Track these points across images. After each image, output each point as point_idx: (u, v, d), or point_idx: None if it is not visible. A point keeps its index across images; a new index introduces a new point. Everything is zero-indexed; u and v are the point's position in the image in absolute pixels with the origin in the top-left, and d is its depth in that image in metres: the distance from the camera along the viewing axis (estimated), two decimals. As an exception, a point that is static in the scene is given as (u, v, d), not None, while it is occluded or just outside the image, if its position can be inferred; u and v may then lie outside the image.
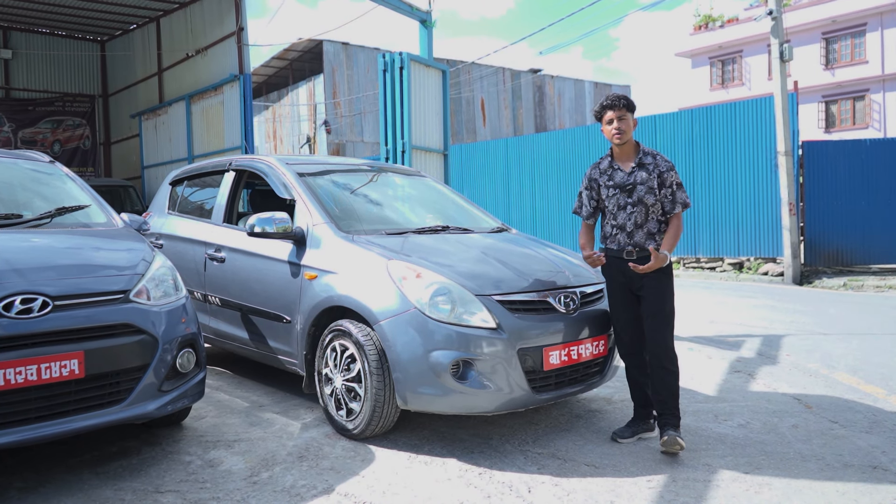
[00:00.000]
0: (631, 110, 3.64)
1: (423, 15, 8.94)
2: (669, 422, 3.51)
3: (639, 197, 3.61)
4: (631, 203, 3.62)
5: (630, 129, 3.64)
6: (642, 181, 3.60)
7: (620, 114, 3.61)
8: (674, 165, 3.67)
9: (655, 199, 3.60)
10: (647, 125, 14.27)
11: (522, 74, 30.96)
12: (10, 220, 3.66)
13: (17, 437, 2.80)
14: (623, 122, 3.61)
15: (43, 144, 16.61)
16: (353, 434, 3.64)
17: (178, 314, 3.42)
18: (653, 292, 3.59)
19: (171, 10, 14.43)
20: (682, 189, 3.66)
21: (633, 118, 3.66)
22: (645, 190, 3.60)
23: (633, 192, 3.62)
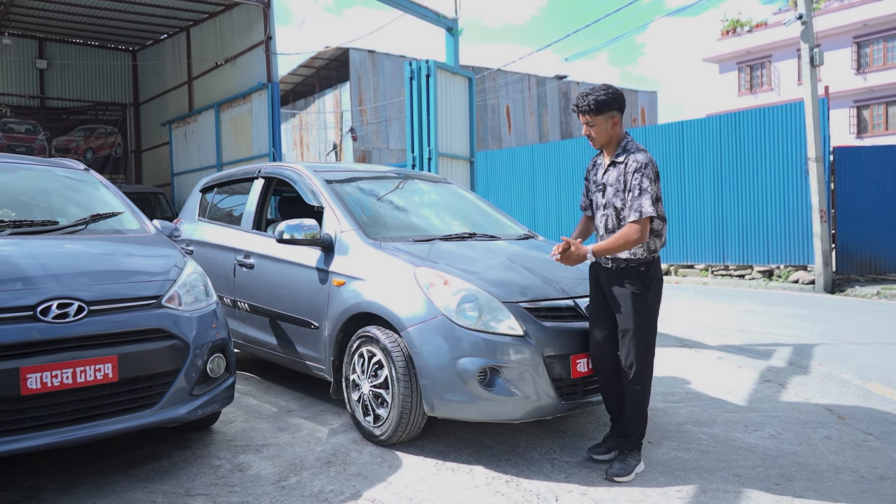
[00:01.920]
0: (601, 112, 3.30)
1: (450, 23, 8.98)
2: (625, 447, 3.35)
3: (608, 199, 3.37)
4: (603, 204, 3.40)
5: (602, 133, 3.33)
6: (611, 182, 3.35)
7: (588, 119, 3.34)
8: (646, 165, 3.23)
9: (623, 202, 3.30)
10: (673, 132, 14.16)
11: (548, 81, 30.91)
12: (46, 227, 3.73)
13: (52, 439, 2.86)
14: (591, 128, 3.35)
15: (76, 152, 16.95)
16: (381, 440, 3.65)
17: (209, 319, 3.47)
18: (621, 307, 3.30)
19: (200, 20, 14.66)
20: (645, 195, 3.21)
21: (613, 116, 3.32)
22: (613, 192, 3.33)
23: (604, 192, 3.40)
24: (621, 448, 3.37)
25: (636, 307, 3.28)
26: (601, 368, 3.46)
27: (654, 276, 3.36)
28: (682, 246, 14.01)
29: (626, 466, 3.27)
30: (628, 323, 3.28)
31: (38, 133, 16.80)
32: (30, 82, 17.01)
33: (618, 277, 3.32)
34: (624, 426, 3.40)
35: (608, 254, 3.27)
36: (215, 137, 13.70)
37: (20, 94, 16.87)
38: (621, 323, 3.31)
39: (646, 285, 3.31)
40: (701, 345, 6.63)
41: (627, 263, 3.30)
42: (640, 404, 3.36)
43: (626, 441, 3.37)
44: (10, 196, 4.17)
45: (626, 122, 33.19)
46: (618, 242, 3.22)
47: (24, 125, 16.69)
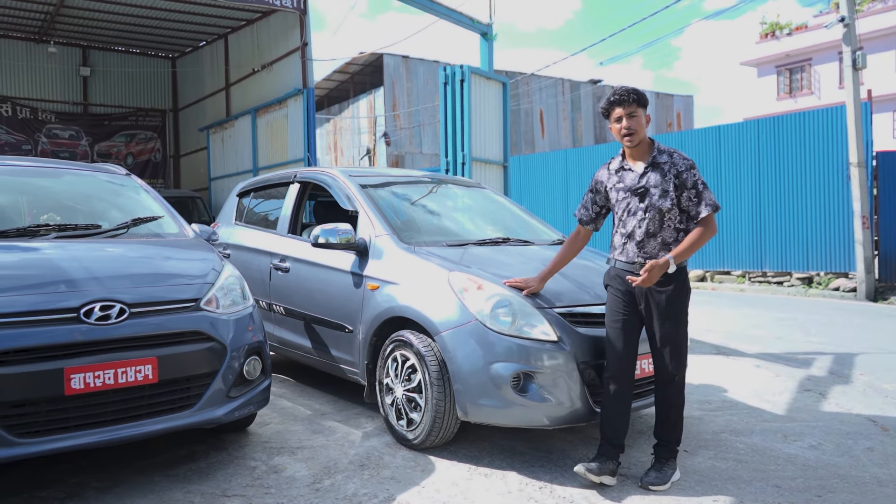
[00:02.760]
0: (642, 105, 3.23)
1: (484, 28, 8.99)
2: (663, 455, 3.29)
3: (651, 202, 3.20)
4: (643, 209, 3.22)
5: (642, 127, 3.23)
6: (656, 184, 3.20)
7: (630, 110, 3.20)
8: (695, 163, 3.24)
9: (672, 203, 3.19)
10: (711, 136, 13.97)
11: (582, 85, 30.74)
12: (89, 231, 3.83)
13: (94, 438, 2.92)
14: (633, 120, 3.20)
15: (117, 157, 17.31)
16: (414, 444, 3.66)
17: (246, 322, 3.51)
18: (666, 313, 3.18)
19: (238, 27, 14.89)
20: (707, 189, 3.20)
21: (647, 114, 3.27)
22: (659, 193, 3.19)
23: (645, 196, 3.22)
24: (658, 456, 3.32)
25: (683, 312, 3.25)
26: (621, 386, 3.27)
27: (688, 279, 3.33)
28: (718, 252, 13.80)
29: (663, 476, 3.22)
30: (674, 329, 3.21)
31: (81, 139, 17.22)
32: (74, 89, 17.45)
33: (664, 282, 3.19)
34: (663, 434, 3.33)
35: (690, 254, 3.19)
36: (251, 142, 13.89)
37: (64, 100, 17.31)
38: (668, 329, 3.20)
39: (688, 289, 3.29)
40: (738, 352, 6.52)
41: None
42: (681, 411, 3.34)
43: (664, 449, 3.31)
44: (55, 200, 4.29)
45: (662, 127, 32.84)
46: (698, 241, 3.16)
47: (68, 131, 17.11)
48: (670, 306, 3.21)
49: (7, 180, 4.28)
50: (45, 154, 16.25)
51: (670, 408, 3.31)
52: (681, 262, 3.17)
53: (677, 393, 3.30)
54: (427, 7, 9.06)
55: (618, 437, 3.29)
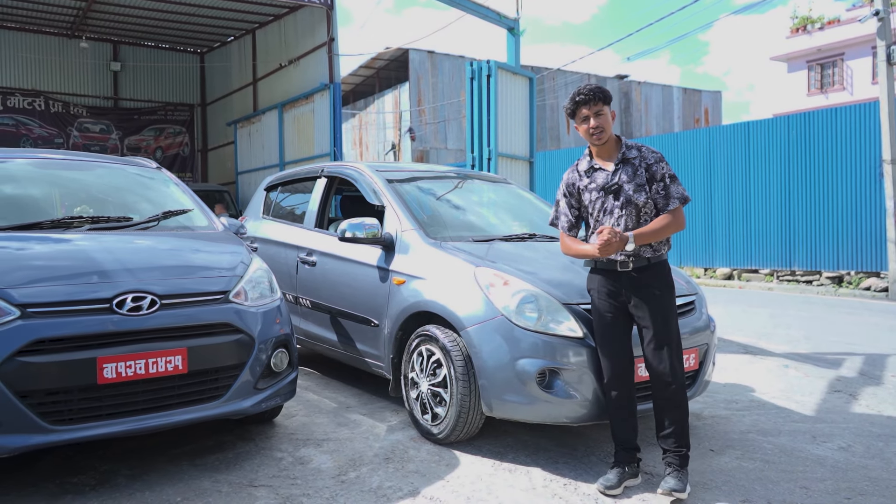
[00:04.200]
0: (607, 103, 3.18)
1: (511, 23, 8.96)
2: (673, 461, 3.12)
3: (626, 198, 3.14)
4: (619, 206, 3.15)
5: (609, 125, 3.17)
6: (629, 179, 3.15)
7: (597, 109, 3.14)
8: (663, 156, 3.21)
9: (646, 196, 3.14)
10: (739, 133, 13.80)
11: (608, 81, 30.51)
12: (121, 223, 3.89)
13: (126, 426, 2.98)
14: (600, 119, 3.14)
15: (146, 151, 17.58)
16: (438, 438, 3.67)
17: (273, 315, 3.55)
18: (655, 313, 3.09)
19: (266, 23, 15.00)
20: (676, 182, 3.16)
21: (612, 110, 3.21)
22: (633, 188, 3.14)
23: (619, 192, 3.15)
24: (672, 464, 3.12)
25: (668, 309, 3.14)
26: (623, 391, 3.20)
27: (670, 274, 3.25)
28: (745, 249, 13.64)
29: (682, 483, 3.05)
30: (666, 330, 3.10)
31: (112, 132, 17.50)
32: (104, 84, 17.73)
33: (646, 280, 3.13)
34: (669, 443, 3.14)
35: (651, 239, 3.09)
36: (278, 137, 14.00)
37: (95, 95, 17.60)
38: (658, 331, 3.09)
39: (670, 285, 3.20)
40: (765, 352, 6.44)
41: (650, 261, 3.14)
42: (686, 416, 3.17)
43: (675, 456, 3.13)
44: (88, 193, 4.36)
45: (689, 123, 32.50)
46: (661, 227, 3.08)
47: (99, 125, 17.40)
48: (658, 303, 3.12)
49: (42, 173, 4.36)
50: (76, 147, 16.54)
51: (673, 413, 3.13)
52: (641, 243, 3.08)
53: (678, 397, 3.13)
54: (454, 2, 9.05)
55: (629, 441, 3.22)
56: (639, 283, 3.14)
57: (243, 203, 14.70)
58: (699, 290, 4.12)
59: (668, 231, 3.11)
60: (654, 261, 3.16)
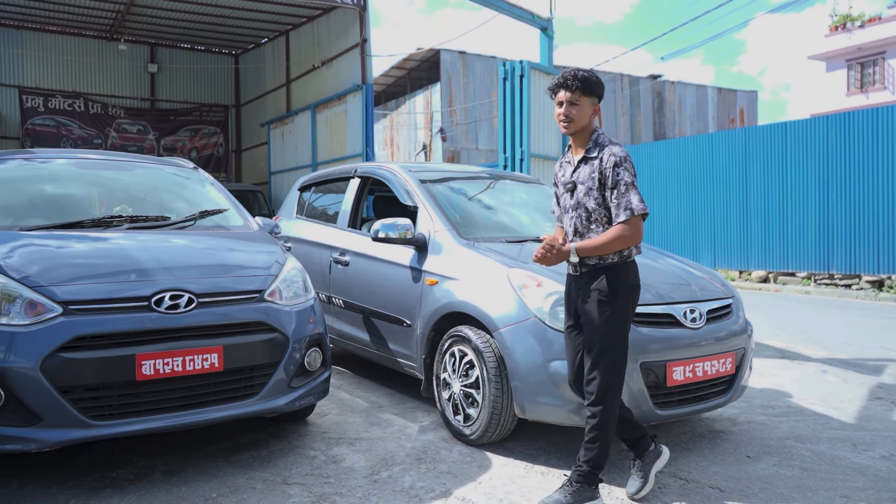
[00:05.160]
0: (589, 94, 2.95)
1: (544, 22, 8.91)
2: (573, 476, 2.95)
3: (578, 199, 2.99)
4: (572, 205, 3.02)
5: (583, 117, 2.96)
6: (584, 180, 2.97)
7: (574, 97, 2.94)
8: (625, 160, 2.91)
9: (597, 202, 2.94)
10: (776, 133, 13.55)
11: (641, 80, 30.21)
12: (159, 222, 3.95)
13: (163, 422, 3.03)
14: (573, 108, 2.95)
15: (182, 151, 17.85)
16: (470, 440, 3.66)
17: (307, 314, 3.58)
18: (587, 320, 2.94)
19: (299, 24, 15.13)
20: (633, 190, 2.87)
21: (595, 104, 2.99)
22: (584, 190, 2.96)
23: (573, 192, 3.02)
24: (571, 478, 2.95)
25: (603, 318, 2.90)
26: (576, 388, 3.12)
27: (624, 283, 2.95)
28: (782, 252, 13.39)
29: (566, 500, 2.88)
30: (593, 335, 2.92)
31: (148, 133, 17.81)
32: (141, 85, 18.05)
33: (584, 284, 2.97)
34: (583, 454, 2.96)
35: (595, 253, 2.90)
36: (311, 137, 14.11)
37: (133, 96, 17.93)
38: (586, 334, 2.95)
39: (614, 293, 2.92)
40: (803, 357, 6.31)
41: (594, 267, 2.94)
42: (600, 430, 2.93)
43: (576, 471, 2.95)
44: (127, 193, 4.44)
45: (724, 123, 32.04)
46: (608, 241, 2.86)
47: (136, 126, 17.72)
48: (595, 310, 2.92)
49: (82, 173, 4.46)
50: (114, 148, 16.87)
51: (590, 428, 2.95)
52: (585, 255, 2.91)
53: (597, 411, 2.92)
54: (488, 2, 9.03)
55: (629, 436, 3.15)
56: (582, 288, 2.99)
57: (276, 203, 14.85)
58: (736, 294, 4.05)
59: (618, 245, 2.87)
60: (599, 266, 2.94)
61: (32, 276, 3.01)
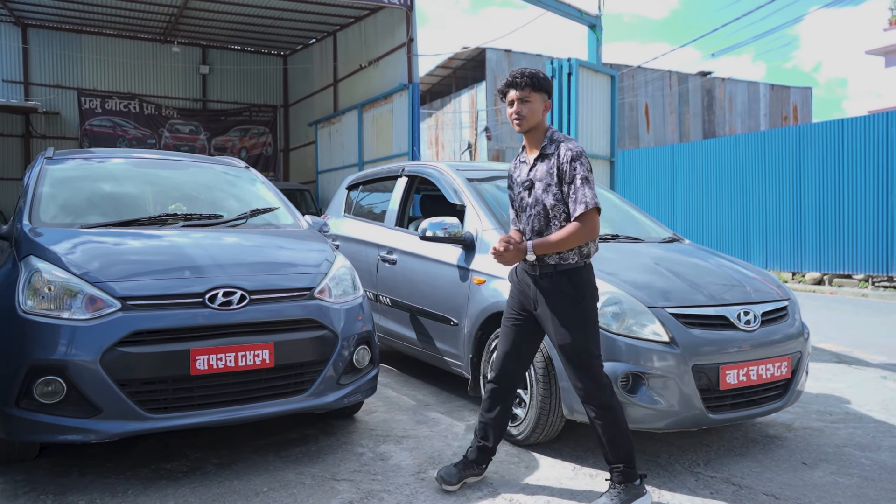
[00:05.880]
0: (539, 91, 2.96)
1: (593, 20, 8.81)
2: (613, 478, 2.95)
3: (536, 197, 2.97)
4: (530, 204, 3.00)
5: (535, 114, 2.97)
6: (541, 177, 2.96)
7: (523, 95, 2.95)
8: (581, 154, 2.92)
9: (556, 199, 2.92)
10: (832, 130, 13.15)
11: (690, 78, 29.65)
12: (212, 220, 4.03)
13: (216, 417, 3.09)
14: (524, 105, 2.95)
15: (232, 151, 18.19)
16: (517, 440, 3.65)
17: (356, 312, 3.61)
18: (549, 321, 2.93)
19: (346, 25, 15.28)
20: (587, 184, 2.86)
21: (546, 101, 3.00)
22: (542, 187, 2.95)
23: (531, 190, 3.00)
24: (615, 481, 2.94)
25: (575, 322, 2.89)
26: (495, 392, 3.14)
27: (589, 285, 2.96)
28: (837, 253, 12.99)
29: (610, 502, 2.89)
30: (565, 337, 2.89)
31: (200, 133, 18.20)
32: (194, 86, 18.47)
33: (547, 287, 2.94)
34: (604, 455, 2.99)
35: (553, 250, 2.87)
36: (358, 137, 14.23)
37: (185, 97, 18.36)
38: (557, 339, 2.92)
39: (581, 295, 2.92)
40: (861, 361, 6.11)
41: (555, 269, 2.91)
42: (617, 426, 2.93)
43: (611, 471, 2.97)
44: (181, 191, 4.54)
45: (776, 121, 31.25)
46: (565, 237, 2.84)
47: (188, 126, 18.13)
48: (562, 316, 2.91)
49: (139, 172, 4.58)
50: (167, 147, 17.29)
51: (595, 426, 2.97)
52: (541, 253, 2.88)
53: (598, 411, 2.94)
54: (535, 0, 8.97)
55: (482, 444, 3.17)
56: (542, 290, 2.95)
57: (323, 201, 15.02)
58: (792, 296, 3.95)
59: (575, 241, 2.86)
60: (561, 269, 2.92)
61: (93, 272, 3.10)
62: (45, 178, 4.06)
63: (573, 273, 2.93)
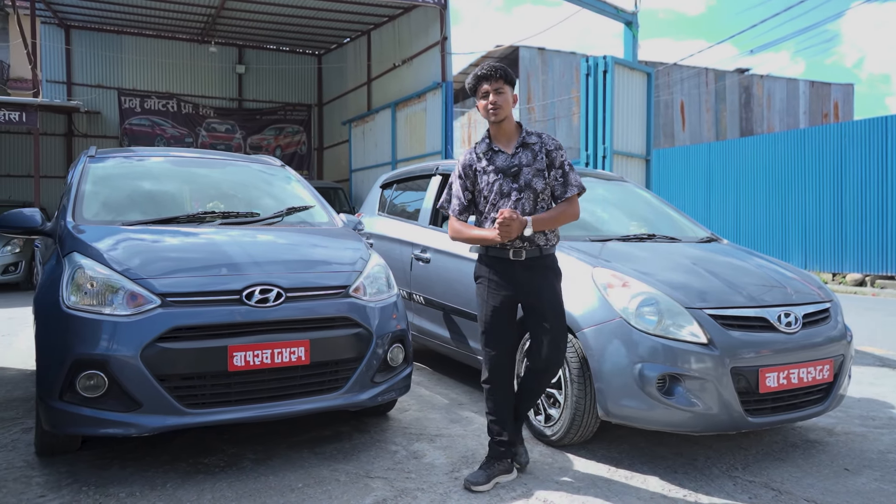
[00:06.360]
0: (510, 83, 3.15)
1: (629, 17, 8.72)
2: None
3: (526, 181, 3.12)
4: (517, 189, 3.12)
5: (508, 105, 3.16)
6: (528, 163, 3.14)
7: (497, 86, 3.12)
8: (562, 145, 3.24)
9: (545, 183, 3.14)
10: (876, 128, 12.83)
11: (728, 75, 29.16)
12: (249, 218, 4.08)
13: (253, 413, 3.12)
14: (500, 97, 3.13)
15: (267, 150, 18.42)
16: (551, 440, 3.62)
17: (390, 311, 3.61)
18: (548, 300, 3.13)
19: (380, 24, 15.35)
20: (574, 170, 3.20)
21: (513, 93, 3.18)
22: (532, 172, 3.13)
23: (518, 175, 3.13)
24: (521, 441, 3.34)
25: (558, 299, 3.18)
26: (503, 389, 3.22)
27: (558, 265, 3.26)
28: (880, 254, 12.67)
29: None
30: (553, 319, 3.15)
31: (236, 132, 18.45)
32: (230, 86, 18.73)
33: (538, 269, 3.14)
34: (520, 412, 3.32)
35: (549, 226, 3.11)
36: (391, 135, 14.29)
37: (222, 96, 18.63)
38: (549, 317, 3.14)
39: (560, 274, 3.23)
40: (906, 365, 5.95)
41: (542, 251, 3.15)
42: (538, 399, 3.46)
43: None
44: (219, 189, 4.60)
45: (817, 118, 30.58)
46: (559, 215, 3.13)
47: (225, 125, 18.39)
48: (553, 294, 3.17)
49: (178, 170, 4.65)
50: (204, 146, 17.57)
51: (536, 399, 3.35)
52: (539, 229, 3.07)
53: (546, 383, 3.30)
54: (570, -3, 8.91)
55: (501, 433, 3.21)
56: (531, 273, 3.14)
57: (356, 200, 15.11)
58: (834, 298, 3.86)
59: (565, 219, 3.16)
60: (545, 251, 3.16)
61: (133, 268, 3.16)
62: (88, 176, 4.15)
63: (553, 256, 3.24)
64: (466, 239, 3.26)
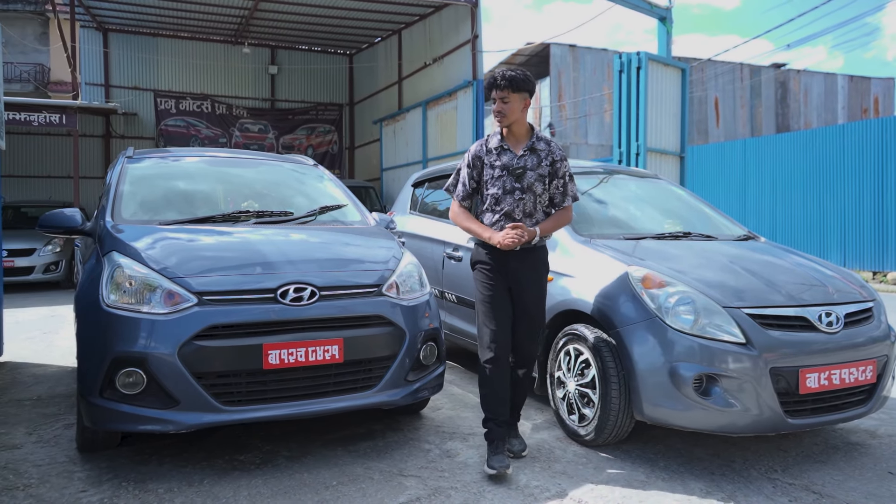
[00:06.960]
0: (517, 91, 3.31)
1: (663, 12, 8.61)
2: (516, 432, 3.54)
3: (528, 183, 3.33)
4: (520, 188, 3.34)
5: (514, 111, 3.33)
6: (532, 167, 3.35)
7: (503, 95, 3.32)
8: (566, 155, 3.45)
9: (544, 188, 3.38)
10: (919, 122, 12.48)
11: (763, 70, 28.65)
12: (283, 218, 4.11)
13: (287, 410, 3.14)
14: (505, 105, 3.33)
15: (299, 149, 18.60)
16: (585, 440, 3.59)
17: (423, 309, 3.62)
18: (532, 290, 3.37)
19: (411, 23, 15.38)
20: (573, 181, 3.45)
21: (526, 99, 3.34)
22: (535, 177, 3.34)
23: (522, 176, 3.33)
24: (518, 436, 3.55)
25: (543, 291, 3.44)
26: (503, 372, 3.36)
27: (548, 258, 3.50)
28: (924, 253, 12.33)
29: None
30: (539, 304, 3.41)
31: (269, 132, 18.66)
32: (263, 86, 18.94)
33: (531, 263, 3.36)
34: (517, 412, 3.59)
35: (550, 233, 3.44)
36: (422, 134, 14.32)
37: (255, 97, 18.85)
38: (532, 309, 3.38)
39: (548, 268, 3.48)
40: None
41: (535, 245, 3.37)
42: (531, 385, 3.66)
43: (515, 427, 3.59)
44: (252, 189, 4.65)
45: (856, 114, 29.90)
46: (558, 223, 3.44)
47: (258, 125, 18.61)
48: (538, 287, 3.40)
49: (213, 170, 4.71)
50: (237, 146, 17.80)
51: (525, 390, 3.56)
52: (543, 234, 3.37)
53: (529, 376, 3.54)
54: (602, -7, 8.83)
55: (501, 414, 3.35)
56: (523, 265, 3.34)
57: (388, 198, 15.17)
58: (877, 297, 3.76)
59: (561, 225, 3.48)
60: (538, 245, 3.40)
61: (170, 267, 3.20)
62: (126, 176, 4.22)
63: (545, 249, 3.48)
64: (465, 228, 3.48)
